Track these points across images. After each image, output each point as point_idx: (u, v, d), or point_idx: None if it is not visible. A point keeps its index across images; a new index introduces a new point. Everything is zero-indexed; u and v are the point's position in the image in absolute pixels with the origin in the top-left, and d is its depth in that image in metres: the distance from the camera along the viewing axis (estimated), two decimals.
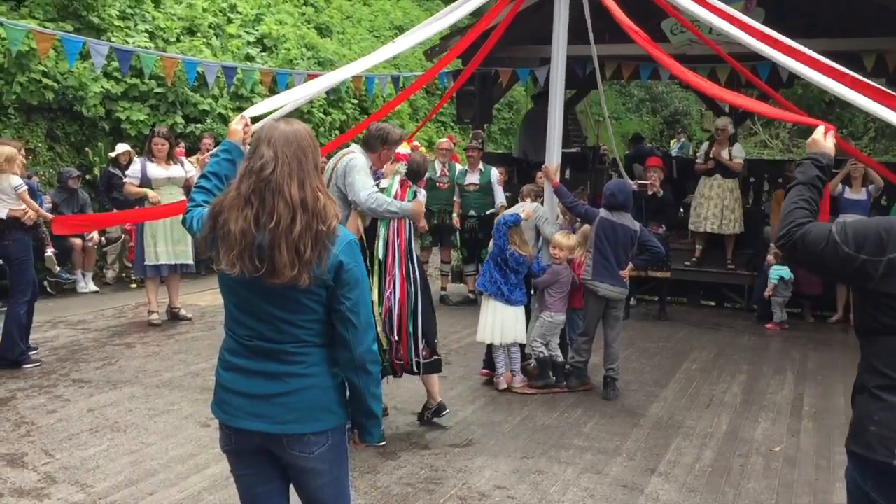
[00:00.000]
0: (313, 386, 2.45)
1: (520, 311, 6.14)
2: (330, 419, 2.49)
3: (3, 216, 6.24)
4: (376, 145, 5.10)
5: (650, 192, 8.67)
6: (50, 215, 6.87)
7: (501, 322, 6.09)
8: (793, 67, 5.05)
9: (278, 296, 2.37)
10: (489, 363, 6.33)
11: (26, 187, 6.37)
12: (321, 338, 2.47)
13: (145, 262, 7.85)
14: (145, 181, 7.81)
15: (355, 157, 4.97)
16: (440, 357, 5.35)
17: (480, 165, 9.43)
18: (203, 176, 2.79)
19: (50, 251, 6.38)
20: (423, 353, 5.16)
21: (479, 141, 9.76)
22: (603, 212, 6.15)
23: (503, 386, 6.18)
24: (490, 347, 6.26)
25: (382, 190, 5.02)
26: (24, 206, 6.31)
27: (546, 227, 6.29)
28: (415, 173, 5.18)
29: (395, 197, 5.04)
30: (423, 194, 5.23)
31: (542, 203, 6.46)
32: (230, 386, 2.49)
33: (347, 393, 2.55)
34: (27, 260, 6.43)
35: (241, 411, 2.46)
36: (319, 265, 2.34)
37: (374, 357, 2.50)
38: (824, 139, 2.69)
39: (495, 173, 9.34)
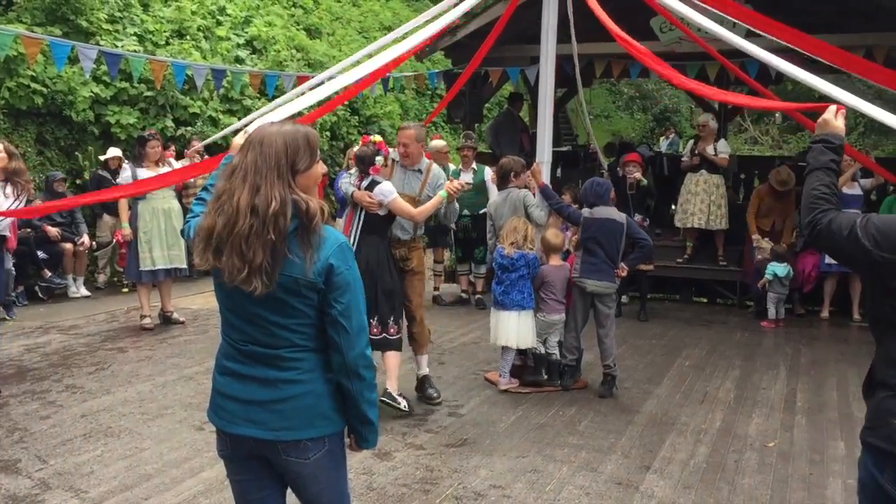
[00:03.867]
0: (308, 392, 2.42)
1: (515, 316, 6.05)
2: (326, 425, 2.46)
3: None
4: None
5: (631, 183, 8.77)
6: None
7: (497, 324, 6.16)
8: (777, 65, 5.07)
9: (269, 300, 2.34)
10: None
11: None
12: (315, 342, 2.43)
13: (141, 268, 7.83)
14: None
15: None
16: (391, 336, 5.52)
17: (474, 165, 9.41)
18: (204, 188, 2.78)
19: None
20: (374, 329, 5.43)
21: (472, 140, 9.75)
22: (586, 211, 6.18)
23: (502, 386, 6.22)
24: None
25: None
26: None
27: (535, 212, 6.30)
28: (360, 164, 5.52)
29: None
30: (382, 184, 5.42)
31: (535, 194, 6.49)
32: (225, 391, 2.48)
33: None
34: None
35: (235, 417, 2.44)
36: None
37: (368, 362, 2.46)
38: (835, 119, 2.62)
39: (489, 172, 9.28)
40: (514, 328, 6.06)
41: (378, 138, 5.59)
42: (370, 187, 5.41)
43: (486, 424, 5.46)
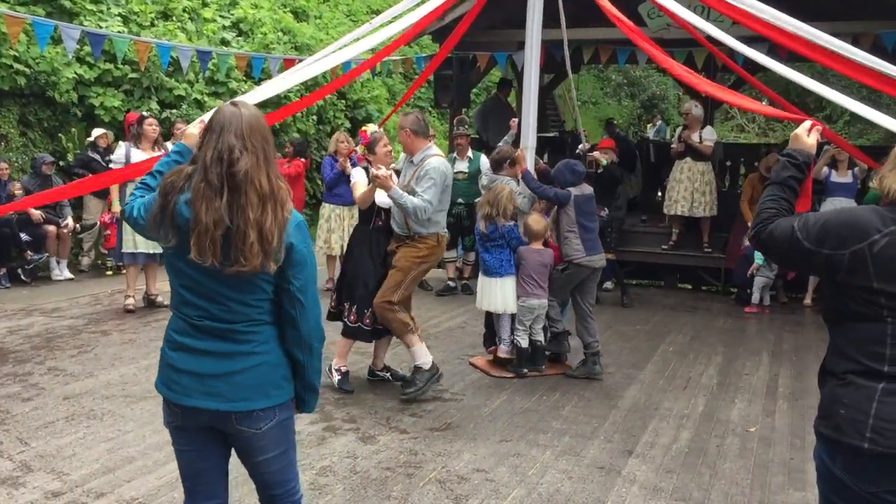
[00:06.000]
0: (263, 363, 2.52)
1: (497, 282, 6.18)
2: (278, 395, 2.55)
3: None
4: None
5: (590, 162, 8.58)
6: None
7: (481, 289, 6.33)
8: (758, 59, 5.14)
9: (232, 277, 2.40)
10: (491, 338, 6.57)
11: None
12: (270, 316, 2.53)
13: (123, 250, 7.79)
14: None
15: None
16: (365, 326, 5.59)
17: (469, 153, 9.20)
18: (150, 174, 2.80)
19: None
20: (351, 316, 5.59)
21: (466, 127, 9.45)
22: (574, 190, 6.22)
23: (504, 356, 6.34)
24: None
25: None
26: None
27: (518, 199, 6.38)
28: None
29: None
30: (354, 170, 5.75)
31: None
32: (179, 365, 2.52)
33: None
34: None
35: (190, 390, 2.50)
36: (281, 250, 2.40)
37: (320, 334, 2.58)
38: (807, 135, 2.64)
39: (485, 160, 9.14)
40: (499, 295, 6.18)
41: (367, 127, 5.68)
42: None
43: (471, 409, 5.47)
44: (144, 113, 8.23)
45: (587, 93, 27.50)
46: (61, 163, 10.21)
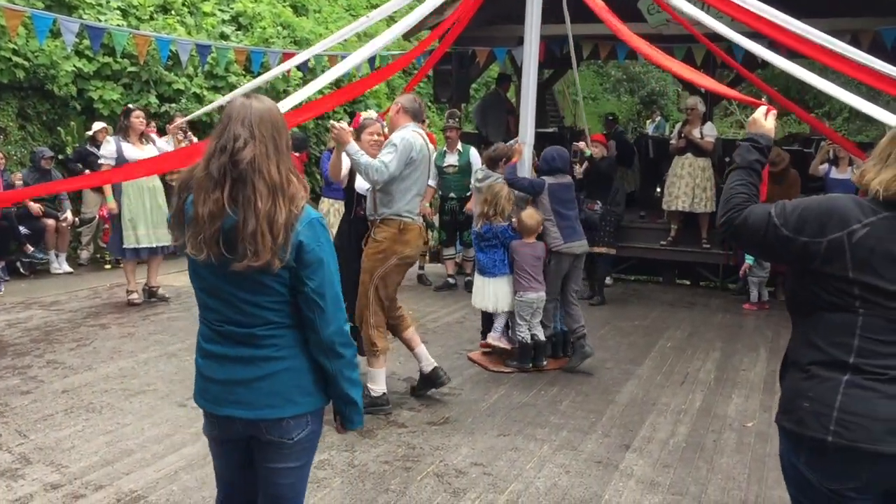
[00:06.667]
0: (288, 369, 2.38)
1: (490, 281, 6.26)
2: (307, 402, 2.43)
3: None
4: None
5: (575, 151, 8.42)
6: None
7: (476, 288, 6.43)
8: (759, 52, 5.13)
9: (242, 278, 2.29)
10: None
11: None
12: (292, 319, 2.39)
13: (125, 246, 7.79)
14: (120, 162, 7.68)
15: None
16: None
17: (459, 146, 9.23)
18: None
19: None
20: None
21: (456, 120, 9.52)
22: (549, 179, 6.27)
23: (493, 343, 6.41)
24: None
25: None
26: None
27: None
28: None
29: None
30: None
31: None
32: (207, 373, 2.45)
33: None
34: None
35: (220, 399, 2.41)
36: (286, 248, 2.26)
37: (345, 339, 2.41)
38: (765, 119, 2.66)
39: (475, 153, 9.18)
40: (491, 293, 6.26)
41: (364, 112, 5.66)
42: None
43: (469, 403, 5.48)
44: (131, 105, 8.21)
45: (586, 88, 27.49)
46: (60, 156, 10.21)
